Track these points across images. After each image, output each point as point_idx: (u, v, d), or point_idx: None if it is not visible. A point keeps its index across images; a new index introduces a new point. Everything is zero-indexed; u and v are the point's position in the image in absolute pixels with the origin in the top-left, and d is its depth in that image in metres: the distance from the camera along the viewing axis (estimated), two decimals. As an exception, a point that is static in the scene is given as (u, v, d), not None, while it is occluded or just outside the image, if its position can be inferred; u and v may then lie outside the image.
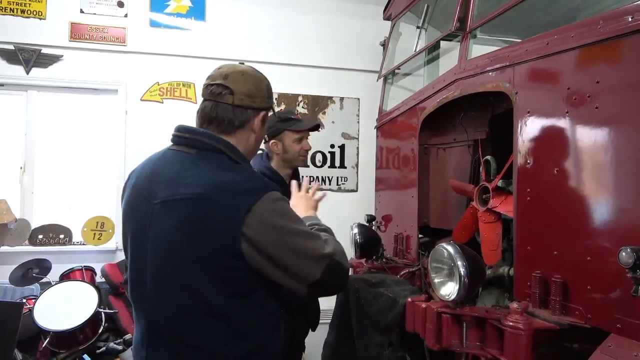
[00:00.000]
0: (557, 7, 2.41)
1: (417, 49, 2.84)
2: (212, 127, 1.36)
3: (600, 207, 1.39)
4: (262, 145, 2.34)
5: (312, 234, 1.31)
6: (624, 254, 1.17)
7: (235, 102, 1.34)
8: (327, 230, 1.46)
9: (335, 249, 1.30)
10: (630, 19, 1.29)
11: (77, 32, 3.69)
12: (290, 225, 1.27)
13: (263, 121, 1.43)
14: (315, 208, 1.72)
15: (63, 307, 2.89)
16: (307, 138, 2.37)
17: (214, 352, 1.26)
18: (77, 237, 3.72)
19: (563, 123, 1.53)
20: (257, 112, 1.40)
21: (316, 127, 2.43)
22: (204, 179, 1.25)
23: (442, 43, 2.86)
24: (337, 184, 4.21)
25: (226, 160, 1.32)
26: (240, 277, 1.24)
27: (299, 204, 1.67)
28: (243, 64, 1.47)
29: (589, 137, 1.44)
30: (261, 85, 1.42)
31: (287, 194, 2.26)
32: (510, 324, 1.44)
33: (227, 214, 1.20)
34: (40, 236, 3.62)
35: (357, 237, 2.64)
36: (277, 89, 4.00)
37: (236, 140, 1.37)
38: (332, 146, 4.22)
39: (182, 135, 1.35)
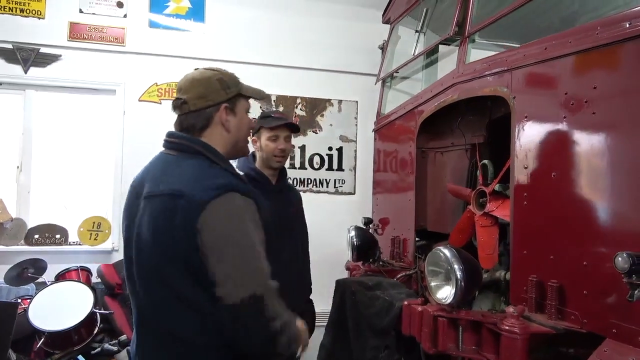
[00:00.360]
0: (555, 12, 2.42)
1: (416, 53, 2.85)
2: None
3: (597, 212, 1.40)
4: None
5: (255, 254, 1.29)
6: (620, 259, 1.17)
7: (191, 108, 1.44)
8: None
9: (274, 299, 1.28)
10: (627, 25, 1.30)
11: (76, 32, 3.68)
12: (236, 232, 1.27)
13: (231, 111, 1.48)
14: None
15: (58, 308, 2.87)
16: (285, 138, 2.24)
17: (192, 342, 1.31)
18: (73, 237, 3.70)
19: (560, 128, 1.54)
20: (217, 106, 1.45)
21: (291, 125, 2.29)
22: (178, 177, 1.33)
23: (441, 47, 2.87)
24: (335, 187, 4.21)
25: (204, 161, 1.39)
26: (205, 271, 1.26)
27: None
28: (197, 69, 1.54)
29: (586, 143, 1.45)
30: (210, 82, 1.47)
31: (271, 194, 2.24)
32: (507, 328, 1.44)
33: (188, 209, 1.25)
34: (36, 236, 3.60)
35: (354, 239, 2.64)
36: (275, 91, 4.06)
37: (209, 139, 1.45)
38: (330, 149, 4.21)
39: (169, 140, 1.46)
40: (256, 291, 1.25)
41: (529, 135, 1.68)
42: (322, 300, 2.94)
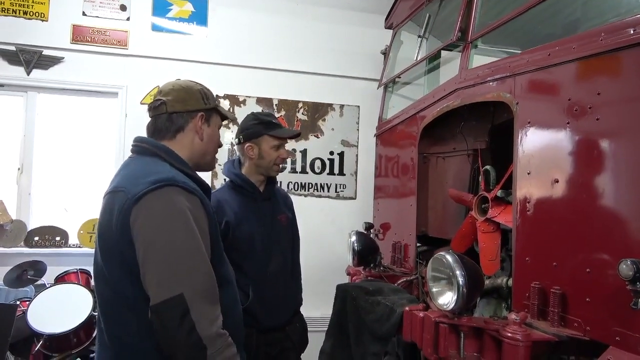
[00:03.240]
0: (558, 18, 2.42)
1: (418, 58, 2.85)
2: (155, 138, 1.50)
3: (600, 218, 1.39)
4: (236, 147, 2.27)
5: (187, 253, 1.24)
6: (624, 266, 1.16)
7: (169, 109, 1.48)
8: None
9: (204, 305, 1.21)
10: (632, 32, 1.29)
11: (78, 35, 3.69)
12: (168, 228, 1.24)
13: (206, 121, 1.53)
14: None
15: (57, 310, 2.86)
16: (285, 146, 2.23)
17: (126, 342, 1.30)
18: (73, 239, 3.69)
19: (564, 134, 1.53)
20: (194, 113, 1.50)
21: (297, 135, 2.37)
22: (123, 176, 1.36)
23: (443, 52, 2.87)
24: (336, 191, 4.20)
25: (155, 160, 1.41)
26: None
27: None
28: (179, 79, 1.59)
29: (589, 149, 1.44)
30: (192, 90, 1.53)
31: (258, 201, 2.22)
32: (509, 335, 1.43)
33: (124, 201, 1.25)
34: (36, 238, 3.60)
35: (355, 244, 2.63)
36: (277, 95, 4.07)
37: (179, 144, 1.48)
38: (332, 153, 4.21)
39: (133, 144, 1.50)
40: (180, 293, 1.19)
41: (532, 141, 1.67)
42: (323, 306, 2.93)
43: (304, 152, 4.14)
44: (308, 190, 4.14)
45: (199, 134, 1.51)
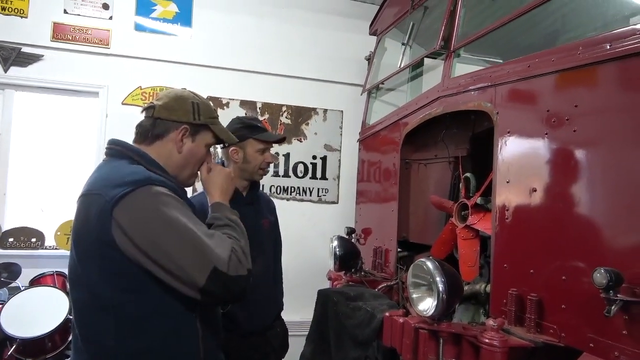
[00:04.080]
0: (539, 30, 2.48)
1: (402, 65, 2.88)
2: (136, 139, 1.49)
3: (576, 227, 1.42)
4: (219, 151, 2.26)
5: (191, 232, 1.26)
6: (598, 275, 1.19)
7: (155, 114, 1.47)
8: (230, 225, 1.43)
9: (223, 255, 1.26)
10: (608, 47, 1.33)
11: (59, 32, 3.63)
12: (165, 220, 1.25)
13: (190, 136, 1.49)
14: (229, 192, 1.63)
15: (32, 314, 2.80)
16: (270, 150, 2.22)
17: (103, 346, 1.29)
18: (49, 241, 3.62)
19: (542, 144, 1.56)
20: (177, 125, 1.47)
21: (282, 139, 2.36)
22: (97, 178, 1.35)
23: (426, 60, 2.91)
24: (318, 196, 4.21)
25: (128, 162, 1.39)
26: (124, 270, 1.24)
27: (217, 179, 1.60)
28: (185, 89, 1.58)
29: (566, 159, 1.48)
30: (184, 101, 1.50)
31: (241, 206, 2.19)
32: (486, 341, 1.45)
33: (101, 204, 1.24)
34: (11, 239, 3.51)
35: (337, 249, 2.63)
36: (261, 98, 4.06)
37: (155, 152, 1.46)
38: (314, 157, 4.22)
39: (107, 147, 1.47)
40: (210, 267, 1.22)
41: (511, 150, 1.71)
42: (303, 310, 2.93)
43: (286, 156, 4.14)
44: (290, 194, 4.13)
45: (177, 147, 1.47)
